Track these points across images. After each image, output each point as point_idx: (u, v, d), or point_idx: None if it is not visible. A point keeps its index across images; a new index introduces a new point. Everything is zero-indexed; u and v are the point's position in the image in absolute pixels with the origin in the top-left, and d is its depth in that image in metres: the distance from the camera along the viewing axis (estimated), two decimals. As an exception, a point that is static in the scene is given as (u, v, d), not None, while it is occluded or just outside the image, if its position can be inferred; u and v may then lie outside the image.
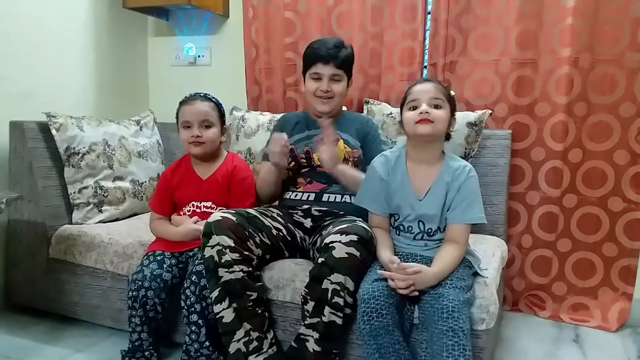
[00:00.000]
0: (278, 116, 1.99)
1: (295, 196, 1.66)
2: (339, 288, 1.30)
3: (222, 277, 1.39)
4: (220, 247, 1.39)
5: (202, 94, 1.69)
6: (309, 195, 1.64)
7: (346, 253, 1.30)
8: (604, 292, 1.98)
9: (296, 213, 1.62)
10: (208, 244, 1.40)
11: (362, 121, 1.76)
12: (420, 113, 1.35)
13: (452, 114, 1.42)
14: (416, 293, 1.27)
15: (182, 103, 1.68)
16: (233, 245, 1.39)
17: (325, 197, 1.62)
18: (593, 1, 1.83)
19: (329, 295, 1.30)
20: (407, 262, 1.34)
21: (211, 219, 1.42)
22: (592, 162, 1.93)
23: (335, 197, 1.62)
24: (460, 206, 1.37)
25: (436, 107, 1.36)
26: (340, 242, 1.31)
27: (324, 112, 1.66)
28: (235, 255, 1.40)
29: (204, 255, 1.41)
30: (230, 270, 1.39)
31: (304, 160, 1.66)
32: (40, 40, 2.10)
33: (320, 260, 1.32)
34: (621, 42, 1.83)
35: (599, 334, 1.91)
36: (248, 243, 1.44)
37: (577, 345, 1.83)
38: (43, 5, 2.11)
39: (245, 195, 1.68)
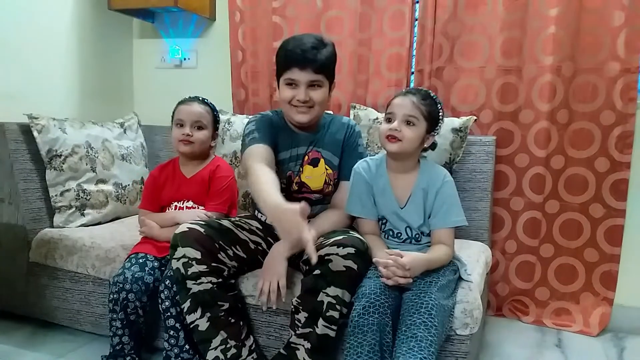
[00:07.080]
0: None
1: None
2: (334, 302, 1.27)
3: (190, 289, 1.35)
4: (186, 260, 1.34)
5: (200, 98, 1.74)
6: None
7: (344, 266, 1.27)
8: (585, 297, 2.01)
9: None
10: (174, 256, 1.36)
11: (345, 131, 1.57)
12: (390, 129, 1.36)
13: (431, 131, 1.41)
14: (410, 281, 1.28)
15: (180, 103, 1.73)
16: (200, 257, 1.34)
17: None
18: (575, 11, 1.87)
19: (324, 307, 1.27)
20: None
21: (178, 230, 1.38)
22: (573, 169, 1.96)
23: None
24: (440, 212, 1.41)
25: (408, 123, 1.37)
26: (337, 254, 1.28)
27: (303, 122, 1.46)
28: (203, 267, 1.35)
29: (172, 267, 1.37)
30: (198, 282, 1.35)
31: (284, 185, 1.53)
32: (23, 41, 2.07)
33: (315, 272, 1.29)
34: (602, 52, 1.87)
35: (580, 339, 1.93)
36: (219, 255, 1.39)
37: (559, 350, 1.85)
38: (26, 5, 2.07)
39: (221, 194, 1.67)
